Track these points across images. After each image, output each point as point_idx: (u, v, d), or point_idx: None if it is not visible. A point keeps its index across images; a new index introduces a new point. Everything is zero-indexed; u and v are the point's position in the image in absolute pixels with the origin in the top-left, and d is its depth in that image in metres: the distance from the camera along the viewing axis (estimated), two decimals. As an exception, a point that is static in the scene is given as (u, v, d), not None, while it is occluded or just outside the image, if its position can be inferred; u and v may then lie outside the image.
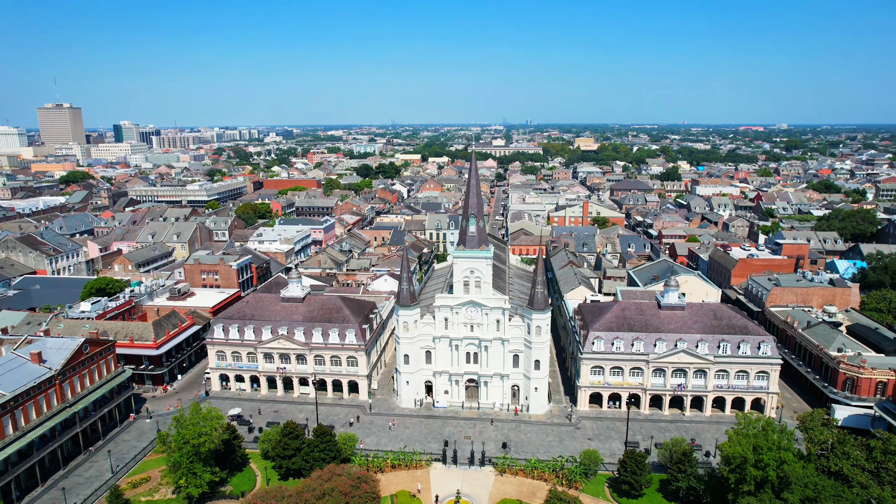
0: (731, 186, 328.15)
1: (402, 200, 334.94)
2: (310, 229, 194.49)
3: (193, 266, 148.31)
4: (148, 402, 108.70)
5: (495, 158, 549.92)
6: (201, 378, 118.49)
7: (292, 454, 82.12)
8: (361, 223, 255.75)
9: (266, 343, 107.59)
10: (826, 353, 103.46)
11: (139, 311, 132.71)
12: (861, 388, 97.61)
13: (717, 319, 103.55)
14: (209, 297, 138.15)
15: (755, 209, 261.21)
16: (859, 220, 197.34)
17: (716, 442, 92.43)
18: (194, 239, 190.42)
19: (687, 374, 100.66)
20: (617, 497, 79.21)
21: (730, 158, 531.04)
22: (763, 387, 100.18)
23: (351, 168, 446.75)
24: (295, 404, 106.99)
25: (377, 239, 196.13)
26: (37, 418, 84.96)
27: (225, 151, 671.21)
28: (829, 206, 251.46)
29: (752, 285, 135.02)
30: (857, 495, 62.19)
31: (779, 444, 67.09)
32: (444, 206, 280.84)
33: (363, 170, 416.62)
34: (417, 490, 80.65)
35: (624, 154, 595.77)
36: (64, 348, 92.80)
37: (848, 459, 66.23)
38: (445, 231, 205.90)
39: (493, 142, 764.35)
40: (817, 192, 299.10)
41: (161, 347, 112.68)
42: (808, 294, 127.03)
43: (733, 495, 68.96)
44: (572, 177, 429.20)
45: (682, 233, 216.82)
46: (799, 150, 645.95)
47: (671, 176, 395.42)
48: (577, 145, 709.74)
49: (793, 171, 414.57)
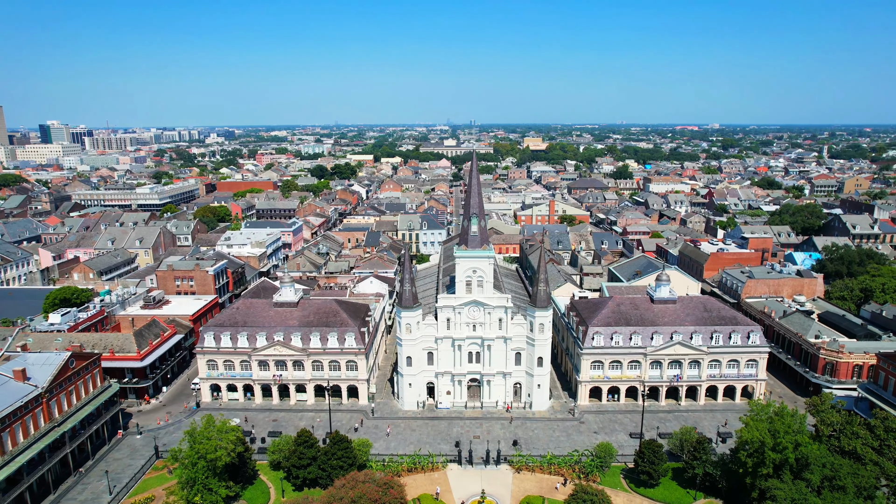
0: (682, 184, 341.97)
1: (361, 201, 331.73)
2: (280, 232, 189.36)
3: (167, 272, 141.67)
4: (135, 417, 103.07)
5: (448, 158, 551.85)
6: (187, 389, 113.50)
7: (308, 463, 79.87)
8: (326, 225, 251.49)
9: (261, 350, 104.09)
10: (805, 340, 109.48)
11: (112, 321, 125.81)
12: (840, 372, 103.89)
13: (707, 311, 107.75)
14: (187, 305, 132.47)
15: (708, 205, 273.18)
16: (808, 215, 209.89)
17: (717, 429, 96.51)
18: (158, 244, 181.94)
19: (682, 365, 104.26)
20: (634, 487, 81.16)
21: (674, 157, 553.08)
22: (752, 374, 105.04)
23: (304, 169, 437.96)
24: (293, 412, 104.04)
25: (351, 241, 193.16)
26: (24, 441, 79.17)
27: (167, 153, 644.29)
28: (777, 201, 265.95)
29: (727, 278, 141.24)
30: (870, 472, 66.22)
31: (792, 427, 70.57)
32: (409, 207, 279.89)
33: (318, 171, 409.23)
34: (437, 493, 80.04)
35: (572, 153, 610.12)
36: (49, 364, 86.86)
37: (858, 439, 70.43)
38: (418, 231, 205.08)
39: (445, 142, 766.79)
40: (761, 188, 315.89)
41: (145, 359, 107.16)
42: (779, 285, 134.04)
43: (751, 479, 71.97)
44: (527, 176, 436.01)
45: (645, 229, 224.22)
46: (735, 148, 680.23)
47: (623, 174, 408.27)
48: (526, 145, 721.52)
49: (734, 169, 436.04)
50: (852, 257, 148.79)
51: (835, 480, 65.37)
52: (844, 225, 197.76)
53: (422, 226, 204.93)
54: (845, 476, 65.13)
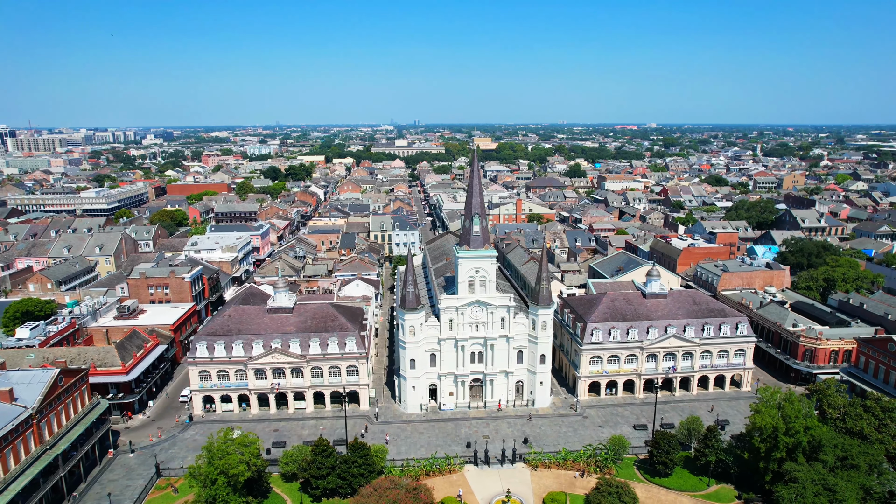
0: (636, 182, 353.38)
1: (320, 203, 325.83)
2: (250, 236, 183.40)
3: (139, 281, 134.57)
4: (123, 435, 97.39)
5: (402, 159, 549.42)
6: (175, 402, 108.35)
7: (327, 473, 77.81)
8: (290, 227, 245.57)
9: (257, 359, 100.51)
10: (785, 329, 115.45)
11: (84, 334, 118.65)
12: (818, 358, 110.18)
13: (697, 304, 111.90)
14: (164, 314, 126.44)
15: (665, 202, 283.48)
16: (761, 210, 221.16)
17: (717, 416, 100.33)
18: (120, 251, 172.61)
19: (676, 357, 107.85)
20: (649, 477, 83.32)
21: (620, 156, 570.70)
22: (741, 363, 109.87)
23: (256, 171, 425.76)
24: (293, 421, 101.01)
25: (324, 243, 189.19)
26: (16, 467, 73.57)
27: (102, 155, 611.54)
28: (729, 197, 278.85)
29: (701, 272, 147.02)
30: (877, 450, 70.59)
31: (801, 412, 74.29)
32: (373, 208, 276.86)
33: (271, 172, 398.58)
34: (459, 495, 79.63)
35: (523, 153, 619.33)
36: (36, 382, 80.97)
37: (862, 419, 74.93)
38: (391, 233, 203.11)
39: (396, 142, 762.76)
40: (710, 185, 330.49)
41: (131, 372, 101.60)
42: (751, 277, 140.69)
43: (764, 463, 75.26)
44: (483, 176, 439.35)
45: (610, 226, 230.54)
46: (676, 147, 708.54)
47: (576, 173, 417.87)
48: (476, 145, 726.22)
49: (680, 167, 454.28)
50: (811, 249, 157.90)
51: (847, 460, 69.25)
52: (795, 219, 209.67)
53: (394, 227, 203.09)
54: (857, 455, 69.18)
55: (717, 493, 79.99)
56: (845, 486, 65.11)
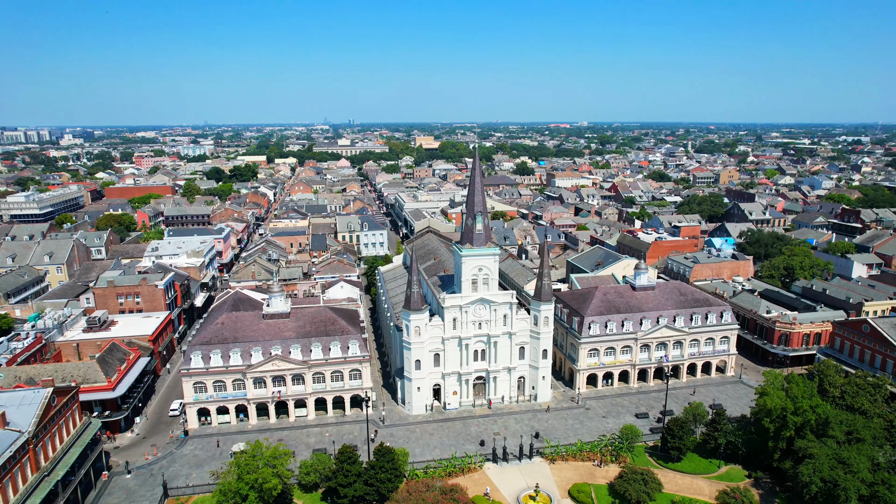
0: (584, 178, 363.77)
1: (271, 204, 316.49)
2: (213, 239, 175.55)
3: (106, 290, 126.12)
4: (114, 455, 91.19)
5: (347, 158, 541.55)
6: (164, 417, 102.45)
7: (353, 480, 75.84)
8: (248, 230, 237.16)
9: (257, 367, 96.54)
10: (760, 315, 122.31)
11: (51, 349, 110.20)
12: (793, 341, 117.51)
13: (683, 295, 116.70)
14: (138, 324, 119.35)
15: (616, 198, 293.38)
16: (711, 204, 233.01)
17: (713, 401, 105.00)
18: (72, 259, 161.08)
19: (667, 347, 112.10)
20: (663, 463, 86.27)
21: (561, 153, 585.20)
22: (725, 350, 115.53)
23: (197, 172, 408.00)
24: (296, 429, 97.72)
25: (293, 245, 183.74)
26: (15, 498, 67.59)
27: (18, 156, 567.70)
28: (676, 192, 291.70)
29: (672, 264, 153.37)
30: (877, 423, 76.19)
31: (806, 392, 79.11)
32: (330, 209, 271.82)
33: (214, 173, 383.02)
34: (486, 492, 79.68)
35: (466, 151, 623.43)
36: (28, 403, 74.72)
37: (860, 395, 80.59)
38: (359, 233, 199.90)
39: (339, 142, 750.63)
40: (654, 180, 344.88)
41: (117, 388, 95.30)
42: (720, 268, 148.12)
43: (773, 442, 79.61)
44: (433, 175, 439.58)
45: (570, 222, 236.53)
46: (612, 144, 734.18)
47: (525, 171, 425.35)
48: (418, 143, 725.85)
49: (621, 164, 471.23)
50: (767, 240, 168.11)
51: (853, 434, 74.33)
52: (743, 212, 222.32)
53: (362, 227, 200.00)
54: (861, 429, 74.34)
55: (727, 474, 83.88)
56: (857, 458, 69.91)
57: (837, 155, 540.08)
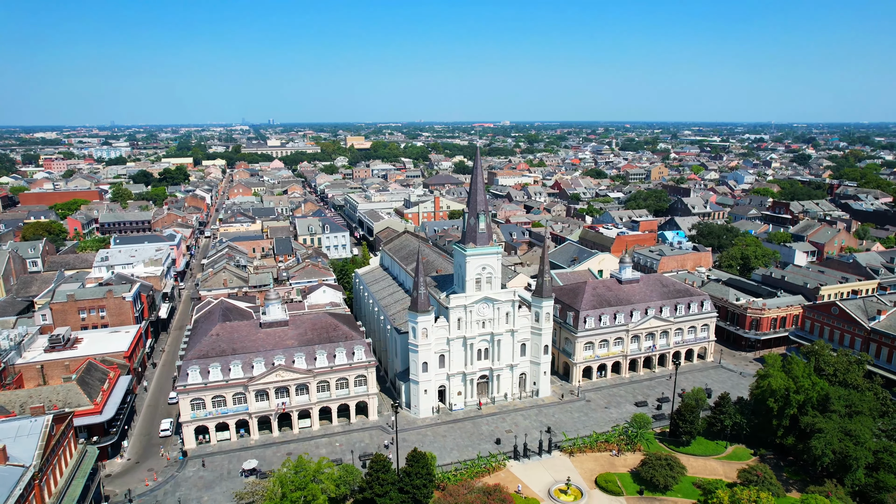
0: (524, 177, 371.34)
1: (209, 208, 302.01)
2: (168, 247, 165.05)
3: (67, 304, 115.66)
4: (108, 484, 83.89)
5: (280, 159, 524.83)
6: (153, 438, 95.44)
7: (388, 490, 73.85)
8: (194, 235, 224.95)
9: (259, 378, 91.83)
10: (731, 303, 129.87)
11: (11, 373, 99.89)
12: (763, 326, 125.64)
13: (665, 287, 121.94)
14: (107, 340, 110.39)
15: (561, 195, 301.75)
16: (656, 199, 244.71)
17: (705, 385, 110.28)
18: (8, 272, 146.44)
19: (655, 337, 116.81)
20: (674, 448, 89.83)
21: (495, 152, 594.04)
22: (705, 337, 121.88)
23: (122, 175, 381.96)
24: (302, 441, 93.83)
25: (255, 250, 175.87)
26: (24, 538, 60.80)
27: None
28: (618, 188, 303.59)
29: (639, 257, 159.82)
30: (869, 397, 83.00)
31: (805, 371, 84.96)
32: (278, 211, 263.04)
33: (142, 177, 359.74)
34: (518, 490, 79.96)
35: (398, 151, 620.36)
36: (25, 434, 67.53)
37: (852, 372, 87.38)
38: (321, 236, 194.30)
39: (269, 142, 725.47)
40: (592, 178, 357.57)
41: (104, 411, 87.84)
42: (684, 260, 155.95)
43: (777, 420, 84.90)
44: (372, 175, 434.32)
45: (525, 220, 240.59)
46: (539, 143, 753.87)
47: (465, 170, 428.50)
48: (350, 144, 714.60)
49: (554, 162, 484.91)
50: (719, 232, 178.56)
51: (852, 407, 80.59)
52: (686, 206, 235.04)
53: (324, 229, 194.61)
54: (859, 403, 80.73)
55: (735, 453, 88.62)
56: (861, 430, 75.90)
57: (748, 152, 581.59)
